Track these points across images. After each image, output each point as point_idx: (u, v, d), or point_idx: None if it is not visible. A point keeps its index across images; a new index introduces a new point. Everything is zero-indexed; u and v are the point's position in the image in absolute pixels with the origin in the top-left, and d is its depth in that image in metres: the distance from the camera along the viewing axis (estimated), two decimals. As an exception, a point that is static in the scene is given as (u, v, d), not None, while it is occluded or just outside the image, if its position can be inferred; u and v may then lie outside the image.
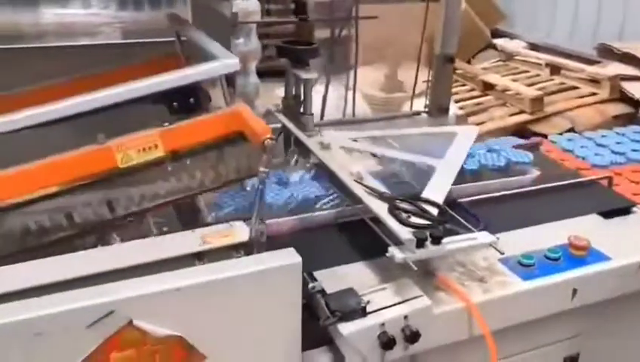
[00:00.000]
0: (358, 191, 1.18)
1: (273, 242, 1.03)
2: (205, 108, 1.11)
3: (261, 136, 0.98)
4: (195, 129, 1.06)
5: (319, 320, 1.02)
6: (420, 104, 2.11)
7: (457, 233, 1.15)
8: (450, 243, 1.08)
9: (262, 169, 0.99)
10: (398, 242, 1.04)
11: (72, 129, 1.04)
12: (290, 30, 2.17)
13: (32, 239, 0.99)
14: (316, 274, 1.12)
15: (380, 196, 1.19)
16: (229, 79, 1.19)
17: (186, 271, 0.93)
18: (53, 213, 1.00)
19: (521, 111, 3.23)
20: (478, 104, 3.45)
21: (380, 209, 1.12)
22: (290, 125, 1.56)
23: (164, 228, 1.14)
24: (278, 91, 1.78)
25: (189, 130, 1.06)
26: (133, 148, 1.01)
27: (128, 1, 1.70)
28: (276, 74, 1.83)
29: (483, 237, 1.13)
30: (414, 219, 1.12)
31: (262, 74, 2.16)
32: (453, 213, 1.23)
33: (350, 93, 2.20)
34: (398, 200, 1.16)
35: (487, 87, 3.56)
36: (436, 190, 1.31)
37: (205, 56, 1.15)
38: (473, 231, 1.17)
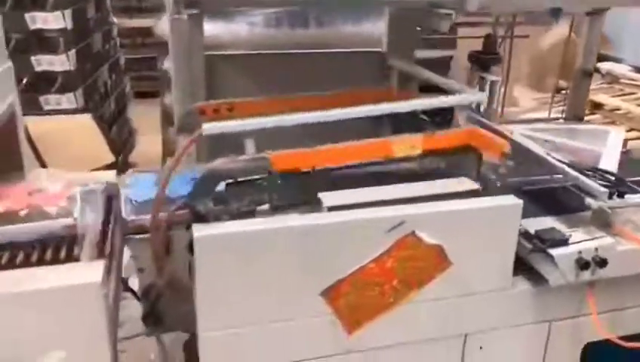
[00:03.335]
0: (555, 161, 1.56)
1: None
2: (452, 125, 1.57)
3: (501, 148, 1.41)
4: (445, 139, 1.51)
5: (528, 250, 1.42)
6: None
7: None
8: (631, 198, 1.43)
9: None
10: (591, 196, 1.42)
11: (366, 126, 1.53)
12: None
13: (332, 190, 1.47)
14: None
15: (570, 166, 1.57)
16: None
17: (444, 202, 1.38)
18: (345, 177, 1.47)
19: (631, 129, 3.41)
20: (587, 122, 3.69)
21: (577, 173, 1.49)
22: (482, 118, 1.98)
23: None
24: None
25: (440, 139, 1.50)
26: (405, 145, 1.47)
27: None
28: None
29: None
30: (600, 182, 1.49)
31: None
32: (625, 180, 1.58)
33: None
34: (585, 169, 1.53)
35: (596, 106, 3.74)
36: (608, 166, 1.66)
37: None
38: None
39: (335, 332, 1.36)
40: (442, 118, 1.60)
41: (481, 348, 1.50)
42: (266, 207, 1.39)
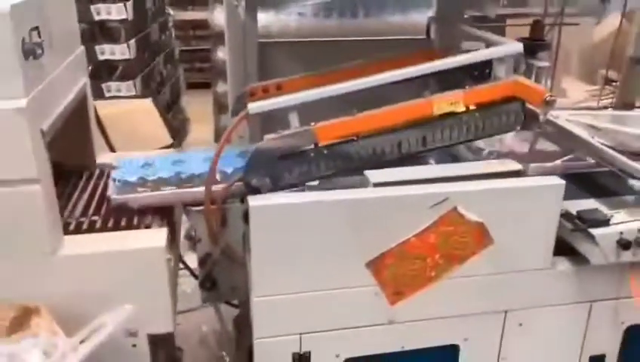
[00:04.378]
0: (598, 145, 1.59)
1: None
2: (492, 78, 1.60)
3: (542, 94, 1.44)
4: (486, 92, 1.55)
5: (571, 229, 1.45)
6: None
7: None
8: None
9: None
10: (635, 178, 1.44)
11: (407, 88, 1.58)
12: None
13: (377, 157, 1.54)
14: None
15: (614, 149, 1.59)
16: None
17: (487, 181, 1.43)
18: (390, 142, 1.53)
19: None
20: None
21: (621, 156, 1.51)
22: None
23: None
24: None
25: (482, 92, 1.54)
26: (445, 102, 1.52)
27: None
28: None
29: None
30: (644, 167, 1.50)
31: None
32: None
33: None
34: (629, 152, 1.55)
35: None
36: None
37: (487, 44, 1.65)
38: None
39: (378, 303, 1.44)
40: (481, 73, 1.62)
41: (520, 324, 1.55)
42: (314, 178, 1.48)
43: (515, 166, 1.51)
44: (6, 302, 1.27)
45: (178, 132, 2.56)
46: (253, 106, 1.46)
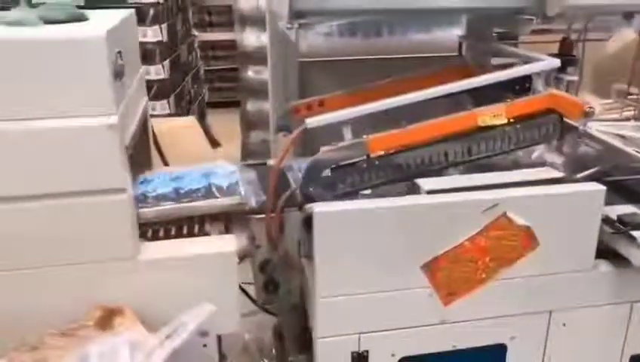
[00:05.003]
0: (634, 152, 1.68)
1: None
2: (531, 91, 1.71)
3: (581, 106, 1.54)
4: (525, 105, 1.65)
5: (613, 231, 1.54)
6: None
7: None
8: None
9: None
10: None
11: (450, 103, 1.69)
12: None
13: (425, 167, 1.63)
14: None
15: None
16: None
17: (534, 187, 1.53)
18: (437, 152, 1.63)
19: None
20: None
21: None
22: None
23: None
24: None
25: (521, 105, 1.64)
26: (489, 115, 1.62)
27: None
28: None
29: None
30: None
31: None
32: None
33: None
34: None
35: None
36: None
37: (522, 61, 1.76)
38: None
39: (432, 304, 1.52)
40: (521, 87, 1.73)
41: (564, 324, 1.63)
42: (365, 187, 1.58)
43: (558, 174, 1.60)
44: (91, 304, 1.37)
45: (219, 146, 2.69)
46: (311, 121, 1.57)
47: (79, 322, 1.36)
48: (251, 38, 3.51)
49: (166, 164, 2.01)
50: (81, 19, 1.38)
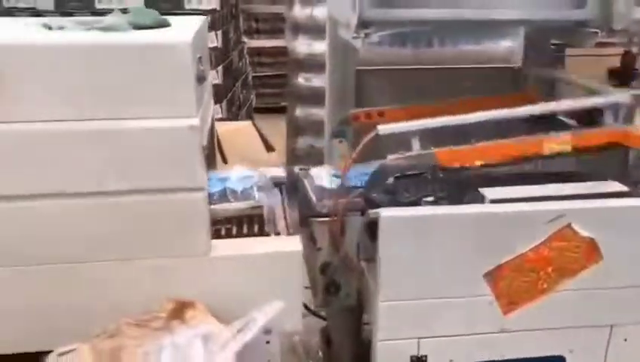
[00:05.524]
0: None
1: None
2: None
3: None
4: (593, 136, 1.65)
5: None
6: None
7: None
8: None
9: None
10: None
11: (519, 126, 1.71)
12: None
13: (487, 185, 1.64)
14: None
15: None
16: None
17: (599, 200, 1.53)
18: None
19: None
20: None
21: None
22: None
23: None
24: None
25: (589, 136, 1.65)
26: (555, 142, 1.63)
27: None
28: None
29: None
30: None
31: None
32: None
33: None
34: None
35: None
36: None
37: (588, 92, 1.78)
38: None
39: (492, 312, 1.54)
40: (590, 118, 1.73)
41: (625, 340, 1.62)
42: (429, 198, 1.61)
43: (622, 187, 1.60)
44: (164, 298, 1.44)
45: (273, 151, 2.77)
46: (384, 128, 1.61)
47: (152, 314, 1.42)
48: (303, 46, 3.57)
49: (226, 164, 2.09)
50: (165, 24, 1.46)
